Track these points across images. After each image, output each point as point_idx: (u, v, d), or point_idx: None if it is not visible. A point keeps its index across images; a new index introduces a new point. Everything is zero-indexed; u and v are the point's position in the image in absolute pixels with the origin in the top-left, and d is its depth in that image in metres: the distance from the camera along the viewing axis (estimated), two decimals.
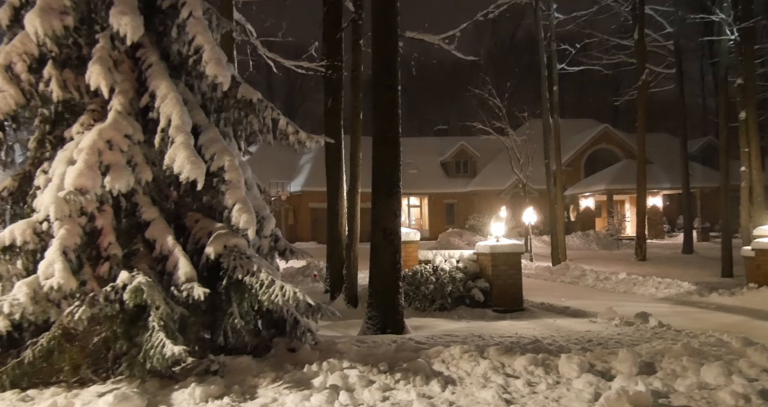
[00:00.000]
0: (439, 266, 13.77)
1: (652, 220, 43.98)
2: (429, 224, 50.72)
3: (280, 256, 8.03)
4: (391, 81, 10.90)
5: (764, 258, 15.04)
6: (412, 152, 53.50)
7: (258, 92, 7.66)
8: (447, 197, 50.95)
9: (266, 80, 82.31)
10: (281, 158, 48.03)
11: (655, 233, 43.34)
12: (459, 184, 51.05)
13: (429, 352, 7.75)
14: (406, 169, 50.65)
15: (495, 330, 10.58)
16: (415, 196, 51.13)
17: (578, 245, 38.00)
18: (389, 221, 10.83)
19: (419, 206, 51.75)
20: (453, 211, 50.53)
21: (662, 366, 7.28)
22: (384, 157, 10.91)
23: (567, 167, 47.74)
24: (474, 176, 51.45)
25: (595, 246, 37.50)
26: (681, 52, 33.01)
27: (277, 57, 15.78)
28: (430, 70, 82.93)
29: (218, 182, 6.89)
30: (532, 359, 7.30)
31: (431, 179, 51.34)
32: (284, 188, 44.68)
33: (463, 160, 52.36)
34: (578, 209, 46.37)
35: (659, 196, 44.26)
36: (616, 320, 11.26)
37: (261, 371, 6.71)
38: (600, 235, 39.32)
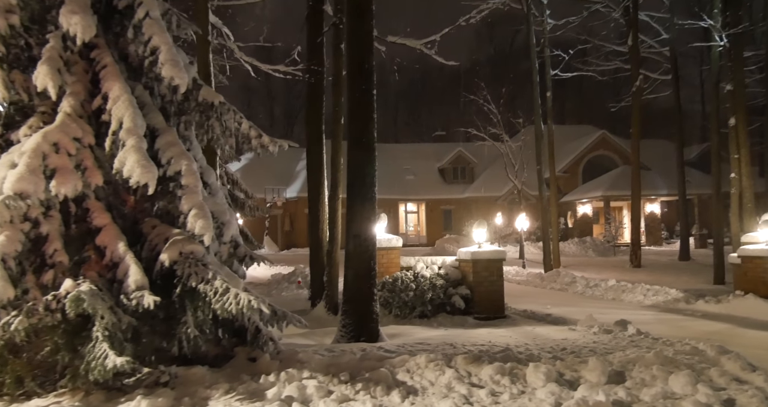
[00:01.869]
0: (419, 272, 13.59)
1: (650, 227, 43.86)
2: (426, 230, 50.66)
3: (239, 263, 7.86)
4: (366, 84, 10.75)
5: (750, 265, 14.85)
6: (410, 157, 53.54)
7: (220, 95, 7.51)
8: (444, 203, 50.89)
9: (265, 86, 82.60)
10: (278, 165, 47.97)
11: (653, 239, 43.21)
12: (456, 190, 50.99)
13: (394, 361, 7.57)
14: (403, 175, 51.15)
15: (470, 338, 10.38)
16: (412, 202, 51.07)
17: (574, 252, 37.85)
18: (363, 227, 10.65)
19: (416, 212, 51.68)
20: (450, 217, 50.42)
21: (632, 375, 7.13)
22: (359, 161, 10.75)
23: (564, 174, 47.66)
24: (472, 182, 51.40)
25: (592, 253, 37.34)
26: (677, 59, 32.86)
27: (254, 61, 15.65)
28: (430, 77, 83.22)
29: (175, 187, 6.73)
30: (499, 368, 7.14)
31: (429, 185, 51.29)
32: (280, 194, 44.63)
33: (461, 166, 52.33)
34: (576, 216, 46.23)
35: (657, 202, 44.13)
36: (595, 328, 11.07)
37: (215, 382, 6.53)
38: (597, 242, 39.17)
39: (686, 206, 33.71)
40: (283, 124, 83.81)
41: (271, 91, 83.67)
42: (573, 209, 46.64)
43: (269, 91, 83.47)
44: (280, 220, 46.07)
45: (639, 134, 28.90)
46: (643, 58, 35.48)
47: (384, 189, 47.93)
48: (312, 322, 13.45)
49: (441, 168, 52.90)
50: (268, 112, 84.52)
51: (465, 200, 50.15)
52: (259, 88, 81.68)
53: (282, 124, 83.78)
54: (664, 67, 34.69)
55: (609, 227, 39.42)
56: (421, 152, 55.40)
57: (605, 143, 48.89)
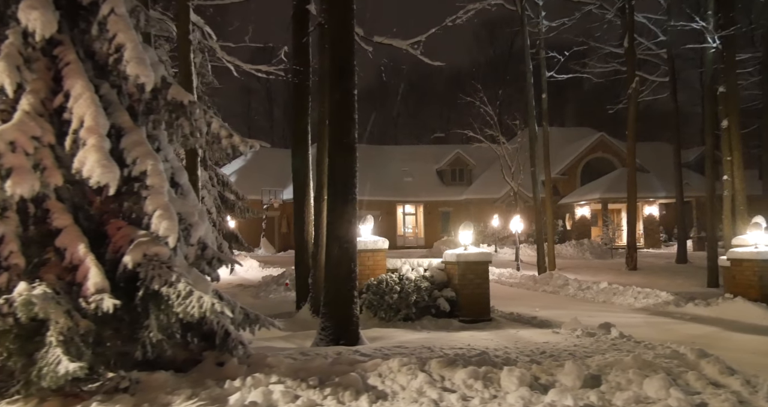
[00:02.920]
0: (404, 275, 13.47)
1: (649, 229, 43.75)
2: (424, 232, 50.54)
3: (208, 265, 7.72)
4: (347, 84, 10.63)
5: (739, 268, 14.72)
6: (408, 159, 53.46)
7: (190, 94, 7.40)
8: (442, 205, 50.77)
9: (265, 88, 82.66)
10: (275, 166, 47.88)
11: (652, 242, 43.07)
12: (455, 192, 50.87)
13: (366, 365, 7.44)
14: (401, 177, 51.03)
15: (451, 341, 10.24)
16: (410, 204, 50.97)
17: (572, 254, 37.72)
18: (344, 228, 10.52)
19: (414, 214, 51.54)
20: (448, 219, 50.28)
21: (608, 379, 7.02)
22: (340, 163, 10.63)
23: (563, 176, 47.60)
24: (470, 184, 51.29)
25: (589, 255, 37.19)
26: (674, 61, 32.74)
27: (236, 60, 15.54)
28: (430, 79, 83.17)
29: (140, 188, 6.60)
30: (473, 372, 7.03)
31: (427, 187, 51.19)
32: (276, 195, 44.55)
33: (459, 168, 52.23)
34: (574, 218, 46.11)
35: (655, 205, 43.96)
36: (579, 331, 10.91)
37: (177, 387, 6.39)
38: (594, 244, 39.01)
39: (683, 209, 33.52)
40: (283, 126, 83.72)
41: (271, 93, 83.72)
42: (571, 211, 46.52)
43: (269, 93, 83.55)
44: (277, 221, 45.97)
45: (635, 137, 28.68)
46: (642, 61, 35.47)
47: (382, 191, 48.45)
48: (296, 325, 13.36)
49: (439, 170, 52.78)
50: (267, 113, 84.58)
51: (463, 202, 50.02)
52: (259, 90, 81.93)
53: (281, 125, 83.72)
54: (662, 69, 34.61)
55: (606, 229, 39.25)
56: (420, 153, 55.32)
57: (604, 145, 48.76)
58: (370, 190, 48.33)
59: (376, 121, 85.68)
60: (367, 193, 48.04)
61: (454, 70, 76.09)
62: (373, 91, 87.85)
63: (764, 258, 14.17)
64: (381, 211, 48.54)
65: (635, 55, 28.63)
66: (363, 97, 69.58)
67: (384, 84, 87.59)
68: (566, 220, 46.76)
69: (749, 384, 6.84)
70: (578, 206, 45.62)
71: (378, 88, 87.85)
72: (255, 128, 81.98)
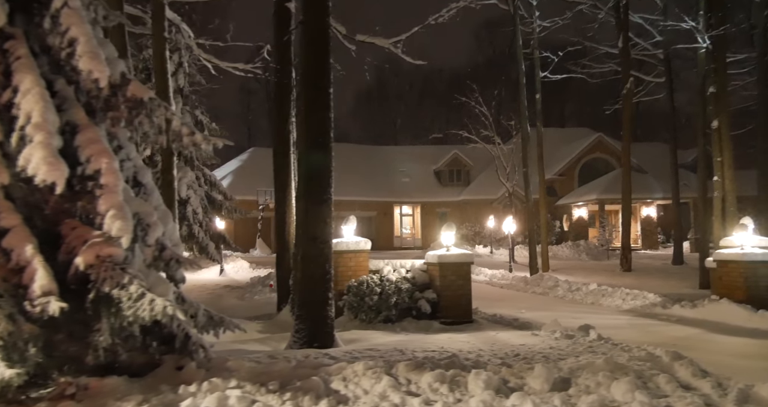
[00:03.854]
0: (385, 276, 13.30)
1: (646, 230, 43.60)
2: (421, 233, 50.36)
3: (164, 267, 7.55)
4: (321, 82, 10.47)
5: (725, 270, 14.56)
6: (406, 160, 53.36)
7: (150, 91, 7.22)
8: (440, 205, 50.63)
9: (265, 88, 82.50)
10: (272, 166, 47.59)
11: (649, 243, 42.94)
12: (452, 193, 50.73)
13: (330, 369, 7.27)
14: (399, 177, 50.85)
15: (426, 343, 10.09)
16: (407, 205, 50.84)
17: (568, 255, 37.61)
18: (319, 229, 10.36)
19: (412, 215, 51.38)
20: (446, 220, 49.84)
21: (578, 382, 6.90)
22: (314, 162, 10.47)
23: (561, 177, 47.47)
24: (467, 184, 51.16)
25: (585, 256, 37.06)
26: (670, 61, 32.55)
27: (212, 58, 15.38)
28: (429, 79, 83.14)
29: (94, 186, 6.44)
30: (439, 375, 6.90)
31: (424, 188, 51.08)
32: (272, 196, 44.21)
33: (457, 168, 52.09)
34: (571, 219, 45.94)
35: (653, 206, 43.78)
36: (558, 333, 10.77)
37: (128, 393, 6.20)
38: (590, 245, 38.87)
39: (679, 210, 33.35)
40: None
41: (270, 93, 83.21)
42: (569, 212, 46.37)
43: (268, 93, 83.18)
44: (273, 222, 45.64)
45: (630, 137, 28.53)
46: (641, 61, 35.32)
47: (379, 192, 48.38)
48: (275, 327, 13.22)
49: (437, 170, 52.67)
50: (267, 113, 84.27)
51: (460, 202, 49.88)
52: (259, 90, 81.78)
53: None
54: (659, 69, 34.43)
55: (603, 230, 39.09)
56: (417, 154, 55.23)
57: (602, 145, 48.61)
58: (367, 191, 48.27)
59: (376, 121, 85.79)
60: (365, 194, 47.99)
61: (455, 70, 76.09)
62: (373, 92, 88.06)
63: (750, 260, 14.01)
64: (378, 212, 48.45)
65: (629, 56, 28.48)
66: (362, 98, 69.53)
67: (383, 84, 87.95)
68: (564, 221, 46.61)
69: (720, 387, 6.71)
70: (576, 207, 45.46)
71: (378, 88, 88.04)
72: (254, 128, 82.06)
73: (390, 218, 49.52)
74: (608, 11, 28.30)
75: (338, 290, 13.62)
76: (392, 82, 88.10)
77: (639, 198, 41.89)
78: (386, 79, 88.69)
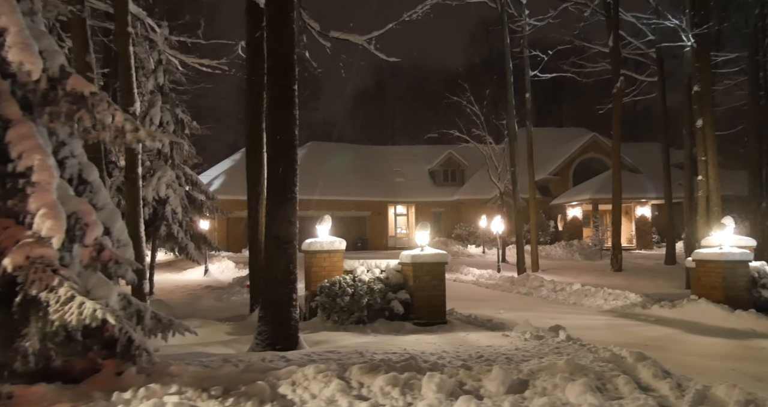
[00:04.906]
0: (358, 276, 13.09)
1: (641, 230, 43.38)
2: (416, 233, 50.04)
3: (103, 268, 7.32)
4: (286, 80, 10.29)
5: (703, 269, 14.36)
6: (400, 160, 53.15)
7: (92, 85, 7.01)
8: (434, 205, 50.38)
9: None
10: None
11: (644, 243, 42.71)
12: (446, 192, 50.50)
13: (280, 373, 7.07)
14: (393, 177, 50.62)
15: (391, 345, 9.89)
16: (402, 204, 50.62)
17: (561, 256, 37.44)
18: (283, 228, 10.17)
19: (406, 215, 51.15)
20: (440, 220, 49.88)
21: (535, 384, 6.77)
22: (278, 160, 10.29)
23: (555, 176, 47.30)
24: (462, 184, 50.94)
25: (578, 256, 36.89)
26: (663, 60, 32.38)
27: (177, 54, 15.16)
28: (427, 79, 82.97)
29: (25, 184, 6.23)
30: (392, 378, 6.71)
31: (418, 188, 50.85)
32: None
33: (451, 168, 51.88)
34: (566, 219, 45.72)
35: (648, 206, 43.52)
36: (528, 334, 10.59)
37: (57, 401, 5.93)
38: (584, 245, 38.67)
39: (673, 210, 33.16)
40: None
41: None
42: (563, 212, 46.16)
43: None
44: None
45: (620, 137, 28.31)
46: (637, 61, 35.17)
47: (373, 191, 48.16)
48: (245, 328, 13.03)
49: (431, 170, 52.44)
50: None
51: (455, 202, 49.66)
52: None
53: None
54: (652, 69, 34.31)
55: (596, 230, 38.88)
56: (412, 154, 55.05)
57: (596, 145, 48.38)
58: (361, 190, 48.08)
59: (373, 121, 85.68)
60: (359, 193, 47.81)
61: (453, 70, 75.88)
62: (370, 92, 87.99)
63: (727, 259, 13.82)
64: (372, 211, 48.25)
65: (620, 54, 28.30)
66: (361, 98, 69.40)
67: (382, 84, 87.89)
68: (558, 221, 46.42)
69: (679, 388, 6.62)
70: (570, 207, 45.24)
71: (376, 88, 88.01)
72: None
73: (384, 217, 49.29)
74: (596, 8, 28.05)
75: (312, 290, 13.45)
76: (390, 83, 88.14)
77: (634, 198, 41.72)
78: (384, 80, 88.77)
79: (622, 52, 30.02)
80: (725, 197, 36.58)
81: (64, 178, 7.17)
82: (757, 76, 26.21)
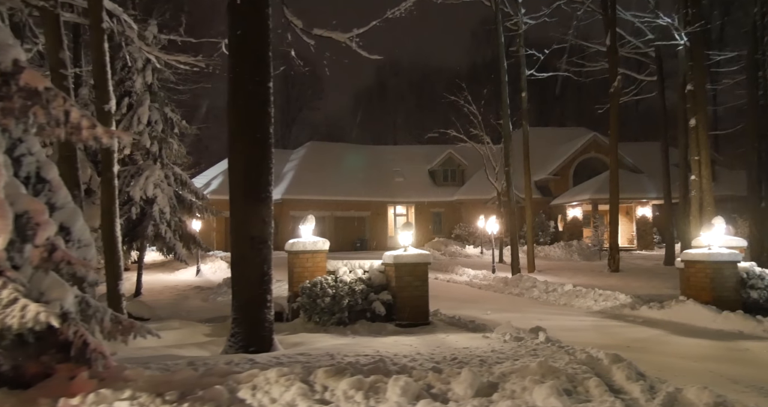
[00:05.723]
0: (340, 277, 12.90)
1: (641, 231, 43.12)
2: (416, 233, 49.91)
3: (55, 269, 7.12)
4: (260, 76, 10.14)
5: (692, 270, 14.13)
6: (400, 159, 52.96)
7: (47, 80, 6.82)
8: (434, 206, 50.17)
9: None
10: None
11: (645, 244, 42.45)
12: (446, 192, 50.28)
13: (240, 376, 6.87)
14: (393, 177, 50.41)
15: (365, 347, 9.69)
16: (401, 204, 50.43)
17: (560, 256, 37.24)
18: (257, 228, 10.02)
19: (406, 215, 50.96)
20: (440, 220, 49.72)
21: (505, 387, 6.63)
22: (252, 159, 10.16)
23: (555, 176, 47.10)
24: (462, 184, 50.73)
25: (577, 257, 36.69)
26: (662, 59, 32.20)
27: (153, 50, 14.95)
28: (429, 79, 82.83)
29: None
30: (357, 382, 6.56)
31: (418, 188, 50.66)
32: None
33: (451, 168, 51.67)
34: (566, 219, 45.49)
35: (649, 206, 43.26)
36: (507, 335, 10.40)
37: None
38: (583, 245, 38.48)
39: (672, 210, 32.94)
40: (281, 125, 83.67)
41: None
42: (563, 212, 45.93)
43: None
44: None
45: (617, 135, 28.10)
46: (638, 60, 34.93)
47: (373, 191, 47.98)
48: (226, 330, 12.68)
49: (431, 170, 52.22)
50: None
51: (454, 202, 49.43)
52: None
53: (280, 125, 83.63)
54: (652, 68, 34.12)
55: (596, 231, 38.64)
56: (412, 153, 54.85)
57: (597, 145, 48.14)
58: (361, 190, 47.91)
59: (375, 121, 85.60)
60: (358, 193, 47.63)
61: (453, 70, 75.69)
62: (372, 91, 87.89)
63: (716, 260, 13.60)
64: (372, 211, 48.07)
65: (617, 53, 28.07)
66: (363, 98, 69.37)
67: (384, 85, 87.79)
68: (558, 221, 46.19)
69: (651, 390, 6.54)
70: (570, 207, 45.01)
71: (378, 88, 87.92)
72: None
73: (384, 217, 49.10)
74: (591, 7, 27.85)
75: (294, 291, 13.30)
76: (392, 83, 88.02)
77: (634, 198, 41.53)
78: (386, 80, 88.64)
79: (622, 51, 29.88)
80: (726, 197, 36.61)
81: (21, 176, 7.01)
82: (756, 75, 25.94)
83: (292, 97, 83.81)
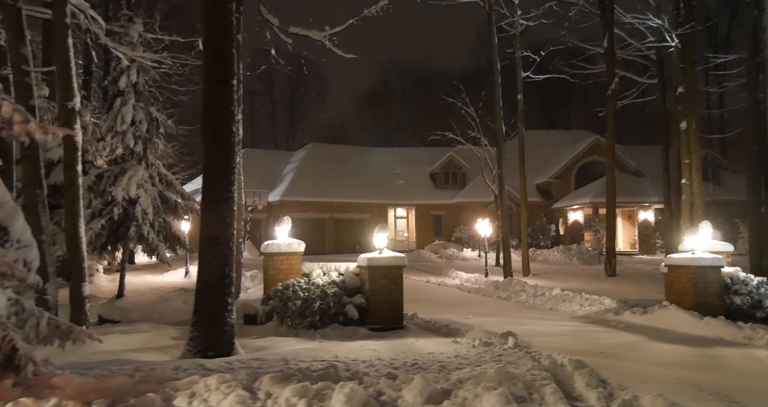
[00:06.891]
0: (313, 280, 12.62)
1: (643, 235, 42.72)
2: (416, 236, 49.69)
3: None
4: (223, 73, 9.87)
5: (675, 275, 13.82)
6: (401, 162, 52.71)
7: None
8: (434, 208, 49.88)
9: (269, 90, 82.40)
10: (264, 168, 47.30)
11: (646, 248, 42.06)
12: (447, 195, 50.00)
13: (179, 384, 6.60)
14: (393, 179, 50.14)
15: (327, 352, 9.41)
16: (402, 207, 50.16)
17: (559, 260, 36.91)
18: (218, 229, 9.73)
19: (406, 218, 50.69)
20: (441, 223, 49.43)
21: (458, 394, 6.36)
22: (215, 158, 9.90)
23: (557, 180, 46.80)
24: (462, 187, 50.45)
25: (576, 261, 36.35)
26: (662, 62, 31.86)
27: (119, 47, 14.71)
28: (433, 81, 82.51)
29: None
30: (302, 389, 6.29)
31: (419, 191, 50.40)
32: (261, 197, 43.87)
33: (452, 171, 51.38)
34: (567, 223, 45.13)
35: (651, 210, 42.86)
36: (477, 340, 10.12)
37: None
38: (582, 249, 38.17)
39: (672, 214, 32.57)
40: (285, 127, 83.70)
41: (274, 95, 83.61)
42: (564, 215, 45.58)
43: (272, 96, 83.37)
44: (263, 223, 45.23)
45: (614, 138, 27.90)
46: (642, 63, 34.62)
47: (373, 194, 47.71)
48: None
49: (432, 173, 51.95)
50: (269, 115, 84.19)
51: (455, 205, 49.11)
52: (263, 92, 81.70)
53: (284, 127, 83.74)
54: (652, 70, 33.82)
55: (596, 234, 38.27)
56: (413, 156, 54.58)
57: (599, 148, 47.68)
58: (361, 192, 47.64)
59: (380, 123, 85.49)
60: (359, 195, 47.36)
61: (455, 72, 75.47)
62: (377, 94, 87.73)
63: (698, 265, 13.30)
64: (372, 214, 47.80)
65: (615, 55, 27.72)
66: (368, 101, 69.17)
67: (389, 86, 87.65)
68: (560, 225, 45.84)
69: (609, 398, 6.38)
70: (571, 211, 44.65)
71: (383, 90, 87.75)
72: (258, 129, 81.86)
73: (384, 220, 48.82)
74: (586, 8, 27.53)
75: (268, 294, 13.03)
76: (396, 85, 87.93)
77: (636, 202, 41.20)
78: (390, 82, 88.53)
79: (624, 53, 29.60)
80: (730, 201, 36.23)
81: None
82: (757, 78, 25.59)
83: (296, 100, 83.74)
